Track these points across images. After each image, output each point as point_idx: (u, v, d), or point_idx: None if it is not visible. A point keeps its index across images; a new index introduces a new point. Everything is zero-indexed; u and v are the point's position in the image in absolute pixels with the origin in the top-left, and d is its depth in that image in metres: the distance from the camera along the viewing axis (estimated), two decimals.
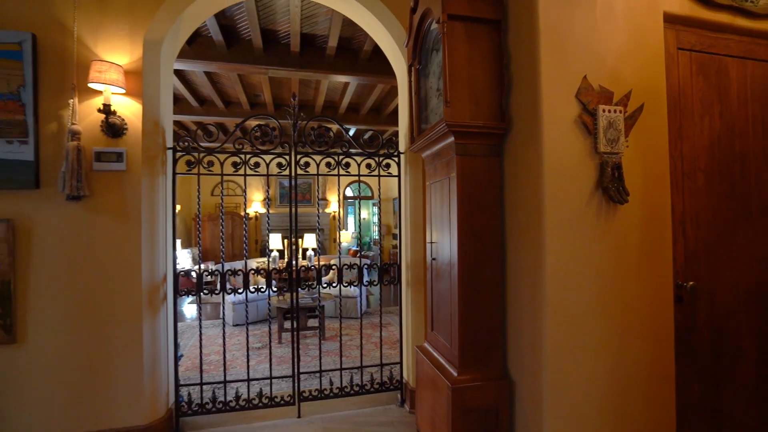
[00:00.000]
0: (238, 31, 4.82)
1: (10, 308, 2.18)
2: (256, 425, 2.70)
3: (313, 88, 6.71)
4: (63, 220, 2.25)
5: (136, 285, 2.33)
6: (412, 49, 2.39)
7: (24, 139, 2.16)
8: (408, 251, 2.89)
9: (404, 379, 2.97)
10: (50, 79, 2.24)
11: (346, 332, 5.18)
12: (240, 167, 2.71)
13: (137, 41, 2.38)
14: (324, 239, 11.42)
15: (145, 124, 2.36)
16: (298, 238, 3.05)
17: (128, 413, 2.35)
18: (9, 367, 2.20)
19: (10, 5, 2.21)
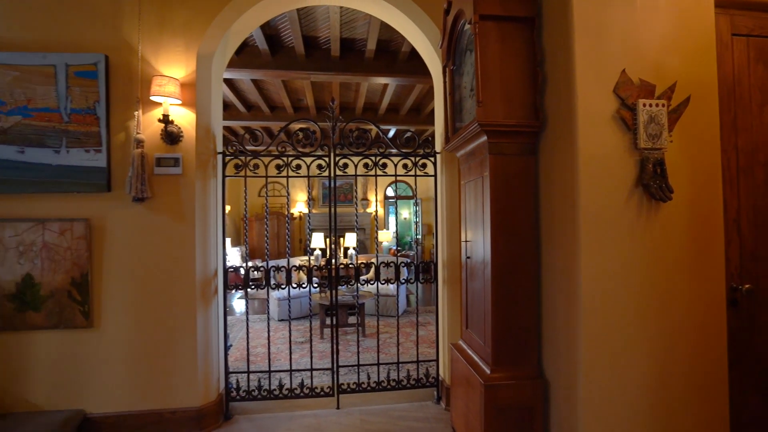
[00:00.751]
0: (282, 40, 5.05)
1: (88, 297, 2.47)
2: (297, 413, 2.85)
3: (353, 90, 6.87)
4: (130, 219, 2.52)
5: (190, 279, 2.56)
6: (446, 50, 2.42)
7: (98, 148, 2.45)
8: (444, 250, 2.91)
9: (440, 376, 3.00)
10: (119, 94, 2.51)
11: (385, 330, 5.27)
12: (283, 169, 2.87)
13: (191, 56, 2.60)
14: (365, 239, 11.61)
15: (198, 131, 2.58)
16: (338, 237, 3.16)
17: (185, 395, 2.57)
18: (87, 348, 2.50)
19: (88, 31, 2.50)
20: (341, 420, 2.76)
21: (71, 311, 2.47)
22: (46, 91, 2.43)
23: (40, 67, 2.43)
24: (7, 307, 2.44)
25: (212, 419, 2.66)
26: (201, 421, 2.59)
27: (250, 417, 2.81)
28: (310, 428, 2.66)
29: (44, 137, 2.43)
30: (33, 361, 2.49)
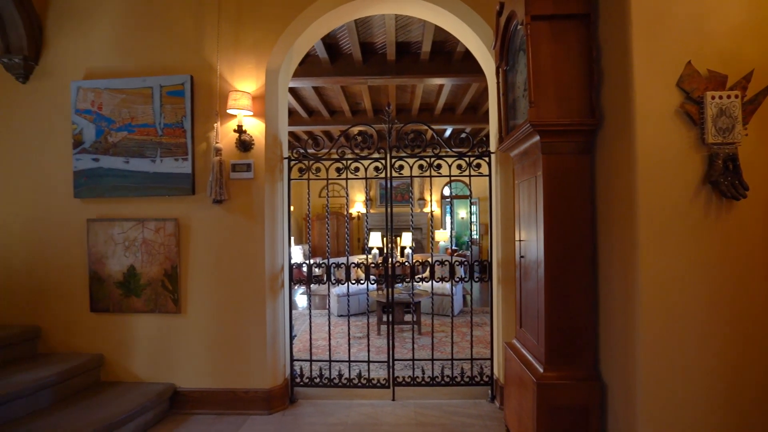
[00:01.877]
0: (341, 48, 5.30)
1: (177, 286, 2.85)
2: (355, 402, 3.02)
3: (409, 92, 6.98)
4: (210, 219, 2.86)
5: (260, 273, 2.83)
6: (499, 51, 2.44)
7: (185, 157, 2.81)
8: (499, 249, 2.91)
9: (495, 375, 3.00)
10: (201, 108, 2.86)
11: (441, 329, 5.30)
12: (342, 172, 3.06)
13: (261, 71, 2.88)
14: (422, 238, 11.68)
15: (267, 139, 2.85)
16: (395, 236, 3.28)
17: (256, 378, 2.86)
18: (176, 330, 2.89)
19: (177, 56, 2.89)
20: (396, 411, 2.88)
21: (164, 298, 2.86)
22: (144, 109, 2.84)
23: (140, 90, 2.85)
24: (116, 293, 2.89)
25: (279, 401, 2.92)
26: (270, 401, 2.85)
27: (312, 402, 3.04)
28: (367, 416, 2.82)
29: (144, 149, 2.84)
30: (135, 340, 2.92)
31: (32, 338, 2.95)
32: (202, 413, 2.86)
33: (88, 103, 2.89)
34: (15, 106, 3.01)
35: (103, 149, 2.88)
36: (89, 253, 2.92)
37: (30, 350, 2.94)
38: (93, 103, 2.89)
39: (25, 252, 2.99)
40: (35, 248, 2.98)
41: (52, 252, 2.97)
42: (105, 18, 2.97)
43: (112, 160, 2.87)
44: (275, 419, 2.79)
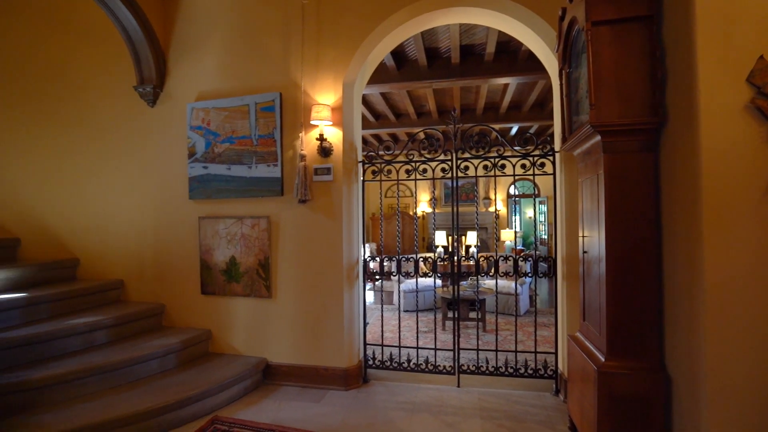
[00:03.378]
0: (406, 54, 5.57)
1: (269, 275, 3.33)
2: (422, 386, 3.27)
3: (473, 92, 7.05)
4: (295, 216, 3.29)
5: (339, 264, 3.20)
6: (562, 54, 2.53)
7: (275, 163, 3.27)
8: (563, 246, 2.97)
9: (559, 369, 3.06)
10: (288, 120, 3.30)
11: (506, 327, 5.34)
12: (411, 173, 3.33)
13: (338, 85, 3.24)
14: (487, 238, 11.57)
15: (344, 145, 3.22)
16: (460, 235, 3.47)
17: (334, 357, 3.23)
18: (268, 313, 3.37)
19: (268, 76, 3.37)
20: (461, 396, 3.08)
21: (258, 285, 3.35)
22: (243, 124, 3.36)
23: (240, 107, 3.37)
24: (220, 279, 3.45)
25: (354, 380, 3.26)
26: (346, 379, 3.21)
27: (383, 383, 3.34)
28: (433, 398, 3.05)
29: (242, 157, 3.36)
30: (235, 319, 3.45)
31: (158, 314, 3.62)
32: (289, 385, 3.30)
33: (199, 121, 3.49)
34: (146, 125, 3.71)
35: (210, 158, 3.45)
36: (200, 245, 3.51)
37: (157, 323, 3.61)
38: (203, 120, 3.47)
39: (153, 244, 3.68)
40: (160, 241, 3.66)
41: (173, 244, 3.62)
42: (212, 49, 3.55)
43: (218, 168, 3.42)
44: (351, 395, 3.13)
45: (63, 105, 3.90)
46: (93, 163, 3.84)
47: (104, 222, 3.81)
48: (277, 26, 3.38)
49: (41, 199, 3.92)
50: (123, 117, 3.76)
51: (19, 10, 3.98)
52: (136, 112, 3.72)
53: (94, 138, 3.83)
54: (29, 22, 3.93)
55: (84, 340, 3.01)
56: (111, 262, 3.79)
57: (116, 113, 3.78)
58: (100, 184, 3.83)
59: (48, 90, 3.93)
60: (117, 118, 3.78)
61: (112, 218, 3.79)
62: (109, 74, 3.79)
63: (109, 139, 3.80)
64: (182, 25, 3.64)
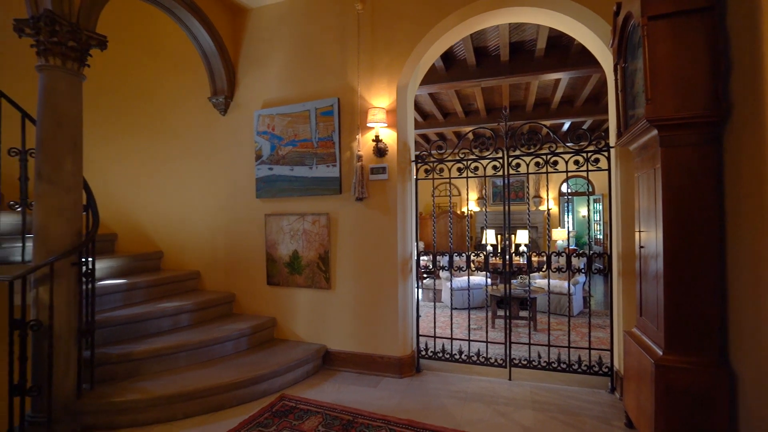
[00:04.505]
0: (455, 54, 5.65)
1: (328, 267, 3.59)
2: (474, 377, 3.36)
3: (523, 89, 6.96)
4: (353, 213, 3.52)
5: (393, 258, 3.38)
6: (617, 49, 2.53)
7: (334, 164, 3.52)
8: (618, 242, 2.94)
9: (615, 367, 3.03)
10: (346, 124, 3.54)
11: (558, 327, 5.25)
12: (463, 172, 3.44)
13: (392, 89, 3.43)
14: (537, 237, 11.28)
15: (398, 145, 3.40)
16: (510, 234, 3.52)
17: (389, 346, 3.42)
18: (328, 302, 3.63)
19: (327, 83, 3.63)
20: (512, 389, 3.14)
21: (319, 277, 3.62)
22: (304, 128, 3.64)
23: (301, 113, 3.66)
24: (284, 271, 3.76)
25: (408, 368, 3.43)
26: (400, 367, 3.38)
27: (435, 372, 3.48)
28: (485, 389, 3.14)
29: (304, 159, 3.65)
30: (298, 308, 3.75)
31: (230, 302, 4.01)
32: (346, 371, 3.53)
33: (265, 126, 3.82)
34: (218, 132, 4.13)
35: (275, 160, 3.77)
36: (266, 240, 3.85)
37: (228, 310, 4.01)
38: (268, 126, 3.81)
39: (225, 238, 4.08)
40: (231, 236, 4.05)
41: (242, 239, 4.00)
42: (275, 60, 3.88)
43: (282, 169, 3.74)
44: (405, 382, 3.30)
45: (151, 118, 4.43)
46: (174, 167, 4.33)
47: (184, 219, 4.28)
48: (335, 35, 3.64)
49: (133, 200, 4.48)
50: (199, 125, 4.21)
51: (118, 39, 4.57)
52: (210, 121, 4.15)
53: (176, 145, 4.32)
54: (125, 49, 4.49)
55: (172, 322, 3.43)
56: (189, 255, 4.25)
57: (193, 122, 4.24)
58: (180, 185, 4.30)
59: (138, 106, 4.48)
60: (194, 126, 4.23)
61: (190, 216, 4.25)
62: (187, 89, 4.25)
63: (188, 145, 4.26)
64: (249, 40, 4.01)
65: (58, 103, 2.56)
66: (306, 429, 2.56)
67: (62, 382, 2.48)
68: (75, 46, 2.57)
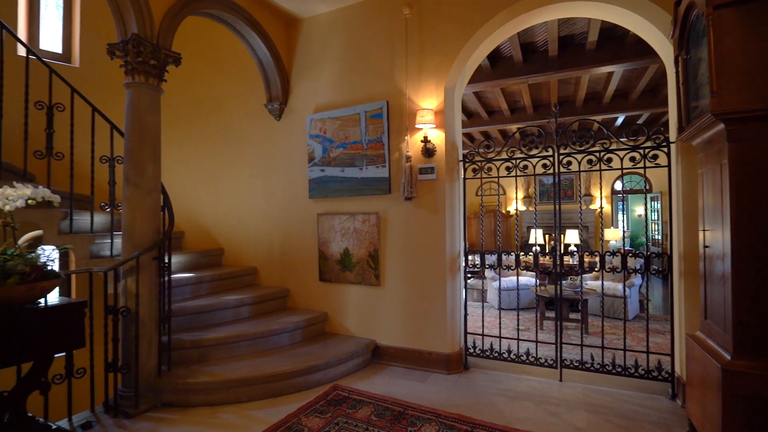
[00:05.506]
0: (500, 51, 5.59)
1: (378, 265, 3.71)
2: (522, 377, 3.35)
3: (572, 84, 6.73)
4: (401, 212, 3.63)
5: (441, 256, 3.45)
6: (678, 40, 2.44)
7: (383, 165, 3.64)
8: (680, 242, 2.82)
9: (676, 372, 2.90)
10: (394, 125, 3.65)
11: (611, 331, 5.05)
12: (512, 170, 3.43)
13: (440, 90, 3.49)
14: (588, 237, 10.80)
15: (446, 146, 3.46)
16: (560, 233, 3.46)
17: (437, 343, 3.48)
18: (378, 299, 3.76)
19: (375, 86, 3.76)
20: (563, 389, 3.10)
21: (369, 274, 3.76)
22: (354, 130, 3.80)
23: (351, 116, 3.82)
24: (335, 268, 3.94)
25: (455, 365, 3.47)
26: (448, 364, 3.44)
27: (483, 370, 3.50)
28: (534, 389, 3.12)
29: (354, 160, 3.80)
30: (348, 304, 3.91)
31: (284, 296, 4.26)
32: (395, 365, 3.64)
33: (317, 130, 4.02)
34: (273, 136, 4.39)
35: (326, 162, 3.96)
36: (318, 238, 4.05)
37: (283, 305, 4.25)
38: (320, 129, 4.00)
39: (280, 236, 4.34)
40: (285, 234, 4.30)
41: (296, 237, 4.23)
42: (327, 66, 4.07)
43: (333, 170, 3.92)
44: (453, 378, 3.36)
45: (212, 124, 4.80)
46: (233, 170, 4.66)
47: (242, 219, 4.60)
48: (383, 40, 3.76)
49: (197, 200, 4.87)
50: (256, 130, 4.50)
51: (183, 52, 4.99)
52: (266, 126, 4.43)
53: (235, 149, 4.65)
54: (189, 61, 4.88)
55: (234, 313, 3.72)
56: (247, 252, 4.56)
57: (251, 128, 4.54)
58: (239, 186, 4.63)
59: (201, 113, 4.87)
60: (251, 131, 4.53)
61: (248, 215, 4.55)
62: (245, 97, 4.56)
63: (246, 149, 4.57)
64: (301, 49, 4.24)
65: (141, 115, 2.88)
66: (359, 417, 2.69)
67: (146, 363, 2.79)
68: (155, 64, 2.88)
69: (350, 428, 2.56)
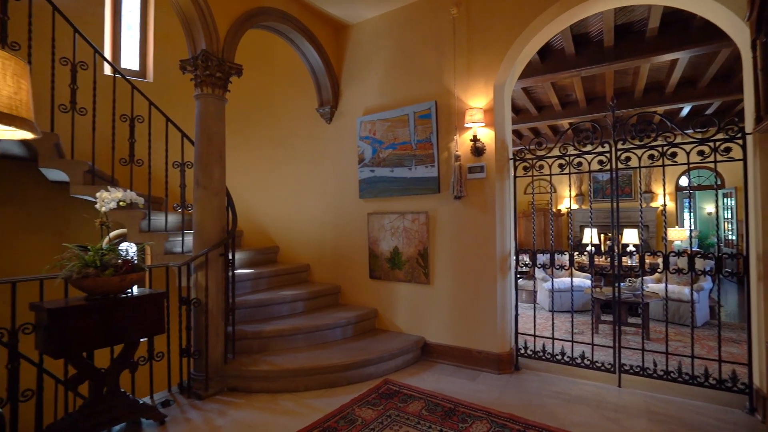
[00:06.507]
0: (550, 45, 5.40)
1: (427, 263, 3.76)
2: (578, 381, 3.25)
3: (630, 74, 6.36)
4: (451, 211, 3.65)
5: (491, 255, 3.43)
6: (756, 22, 2.27)
7: (432, 164, 3.68)
8: (758, 242, 2.60)
9: (755, 384, 2.68)
10: (443, 125, 3.68)
11: (677, 338, 4.73)
12: (565, 168, 3.34)
13: (489, 88, 3.47)
14: (649, 237, 10.11)
15: (496, 144, 3.44)
16: (617, 233, 3.31)
17: (487, 342, 3.47)
18: (427, 297, 3.81)
19: (424, 87, 3.81)
20: (622, 396, 2.97)
21: (418, 272, 3.82)
22: (403, 131, 3.87)
23: (400, 117, 3.89)
24: (385, 266, 4.04)
25: (506, 365, 3.44)
26: (499, 364, 3.41)
27: (535, 372, 3.43)
28: (591, 393, 3.02)
29: (403, 160, 3.88)
30: (397, 301, 4.00)
31: (336, 293, 4.42)
32: (444, 363, 3.67)
33: (366, 132, 4.14)
34: (324, 138, 4.58)
35: (376, 163, 4.07)
36: (368, 237, 4.17)
37: (335, 301, 4.42)
38: (370, 131, 4.12)
39: (331, 235, 4.51)
40: (337, 233, 4.46)
41: (346, 236, 4.38)
42: (375, 70, 4.18)
43: (382, 171, 4.02)
44: (504, 378, 3.33)
45: (268, 129, 5.09)
46: (287, 171, 4.91)
47: (295, 218, 4.83)
48: (430, 41, 3.80)
49: (254, 201, 5.18)
50: (308, 134, 4.72)
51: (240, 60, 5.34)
52: (318, 129, 4.62)
53: (288, 152, 4.90)
54: (249, 71, 5.21)
55: (290, 308, 3.93)
56: (300, 250, 4.79)
57: (303, 131, 4.76)
58: (292, 188, 4.87)
59: (258, 117, 5.18)
60: (304, 135, 4.76)
61: (301, 215, 4.78)
62: (297, 102, 4.80)
63: (299, 152, 4.80)
64: (351, 53, 4.38)
65: (208, 123, 3.13)
66: (410, 411, 2.76)
67: (214, 350, 3.04)
68: (220, 76, 3.13)
69: (402, 421, 2.63)
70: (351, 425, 2.58)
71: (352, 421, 2.62)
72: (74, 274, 2.21)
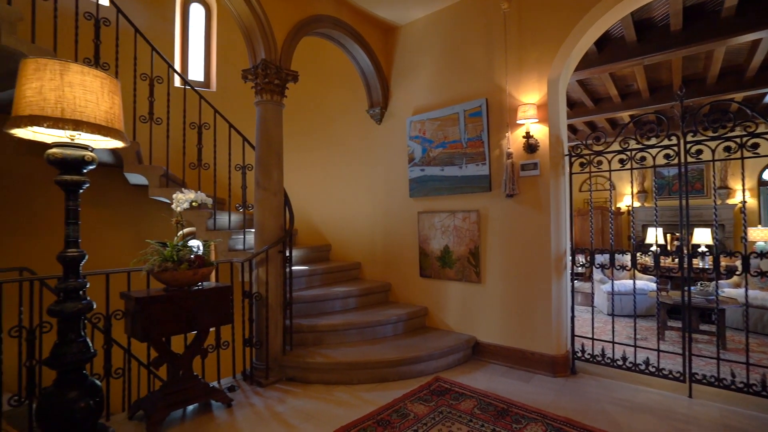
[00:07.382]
0: (608, 33, 5.10)
1: (478, 262, 3.73)
2: (640, 387, 3.07)
3: (702, 59, 5.84)
4: (503, 209, 3.59)
5: (546, 254, 3.33)
6: None
7: (483, 162, 3.65)
8: None
9: None
10: (494, 122, 3.63)
11: (758, 349, 4.29)
12: (626, 163, 3.16)
13: (543, 83, 3.37)
14: (725, 237, 9.21)
15: (550, 140, 3.33)
16: (685, 232, 3.08)
17: (541, 343, 3.38)
18: (477, 296, 3.78)
19: (473, 85, 3.78)
20: (693, 407, 2.77)
21: (469, 271, 3.79)
22: (453, 130, 3.86)
23: (450, 116, 3.89)
24: (436, 264, 4.05)
25: (562, 368, 3.33)
26: (554, 366, 3.31)
27: (593, 377, 3.29)
28: (657, 402, 2.84)
29: (453, 159, 3.87)
30: (448, 300, 4.00)
31: (386, 290, 4.51)
32: (496, 363, 3.62)
33: (416, 131, 4.18)
34: (375, 139, 4.68)
35: (426, 162, 4.10)
36: (419, 236, 4.21)
37: (385, 298, 4.51)
38: (419, 131, 4.15)
39: (382, 233, 4.60)
40: (387, 232, 4.55)
41: (397, 235, 4.45)
42: (424, 70, 4.20)
43: (432, 170, 4.04)
44: (560, 382, 3.22)
45: (321, 131, 5.30)
46: (339, 171, 5.08)
47: (347, 217, 4.98)
48: (480, 37, 3.76)
49: (307, 200, 5.41)
50: (358, 134, 4.84)
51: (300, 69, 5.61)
52: (368, 130, 4.73)
53: (340, 153, 5.07)
54: (303, 76, 5.46)
55: (342, 304, 4.07)
56: (352, 248, 4.93)
57: (354, 132, 4.90)
58: (343, 187, 5.03)
59: (311, 120, 5.41)
60: (355, 136, 4.89)
61: (352, 214, 4.92)
62: (348, 104, 4.94)
63: (350, 152, 4.95)
64: (400, 54, 4.44)
65: (268, 128, 3.33)
66: (462, 409, 2.77)
67: (273, 341, 3.24)
68: (278, 83, 3.32)
69: (454, 418, 2.65)
70: (404, 419, 2.64)
71: (405, 415, 2.68)
72: (155, 267, 2.46)
